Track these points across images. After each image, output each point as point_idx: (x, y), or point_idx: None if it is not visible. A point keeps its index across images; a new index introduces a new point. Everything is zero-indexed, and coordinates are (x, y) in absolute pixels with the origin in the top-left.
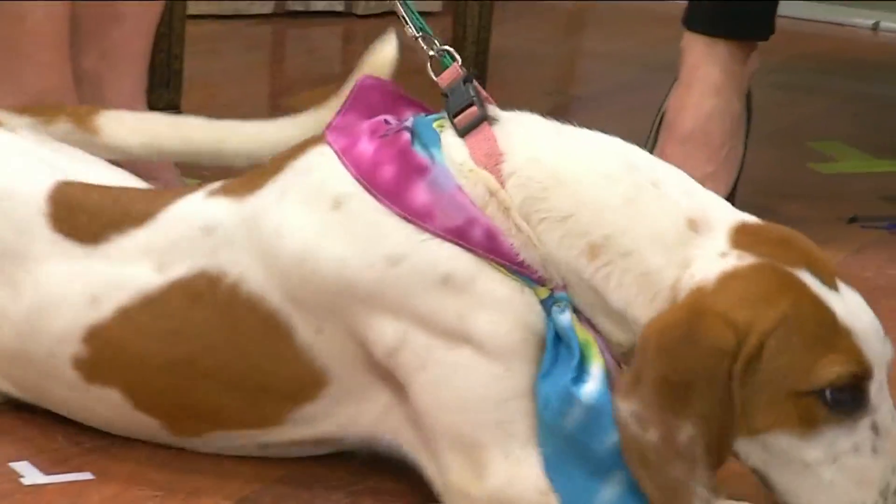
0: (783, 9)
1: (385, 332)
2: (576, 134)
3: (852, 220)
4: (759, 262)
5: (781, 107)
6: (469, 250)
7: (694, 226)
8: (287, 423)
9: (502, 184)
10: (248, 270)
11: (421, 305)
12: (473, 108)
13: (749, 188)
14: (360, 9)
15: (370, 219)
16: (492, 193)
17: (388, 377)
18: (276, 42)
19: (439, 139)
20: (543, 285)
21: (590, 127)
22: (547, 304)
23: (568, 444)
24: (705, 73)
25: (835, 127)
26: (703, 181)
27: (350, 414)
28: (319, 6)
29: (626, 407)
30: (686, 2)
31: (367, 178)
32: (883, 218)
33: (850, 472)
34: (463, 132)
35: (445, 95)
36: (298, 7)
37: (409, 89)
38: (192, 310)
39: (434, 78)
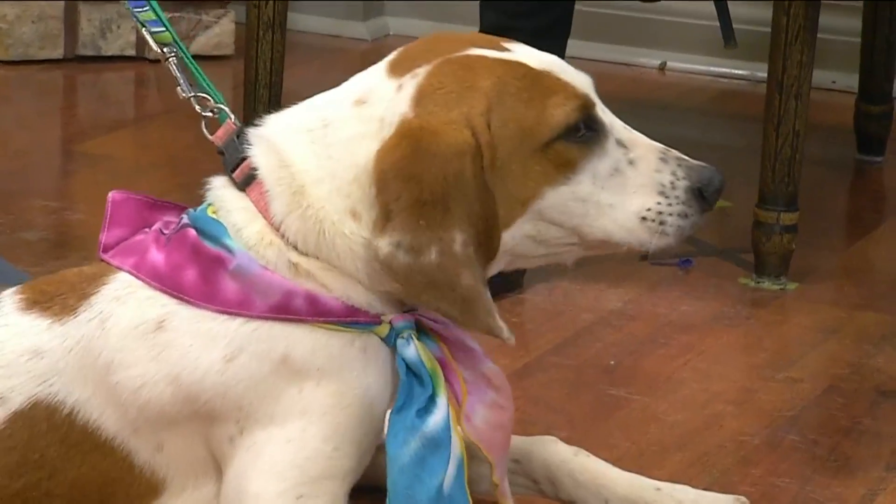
0: (570, 50)
1: (227, 428)
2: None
3: (643, 258)
4: (432, 67)
5: None
6: (299, 321)
7: (359, 102)
8: None
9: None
10: (82, 400)
11: (262, 391)
12: (247, 162)
13: None
14: (152, 52)
15: (195, 328)
16: (293, 263)
17: (217, 465)
18: (68, 87)
19: (224, 227)
20: (381, 322)
21: None
22: (390, 341)
23: (402, 475)
24: None
25: None
26: None
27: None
28: (110, 50)
29: (387, 242)
30: None
31: (174, 287)
32: (674, 255)
33: (620, 188)
34: (242, 187)
35: (221, 153)
36: (89, 52)
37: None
38: (33, 440)
39: (209, 137)
